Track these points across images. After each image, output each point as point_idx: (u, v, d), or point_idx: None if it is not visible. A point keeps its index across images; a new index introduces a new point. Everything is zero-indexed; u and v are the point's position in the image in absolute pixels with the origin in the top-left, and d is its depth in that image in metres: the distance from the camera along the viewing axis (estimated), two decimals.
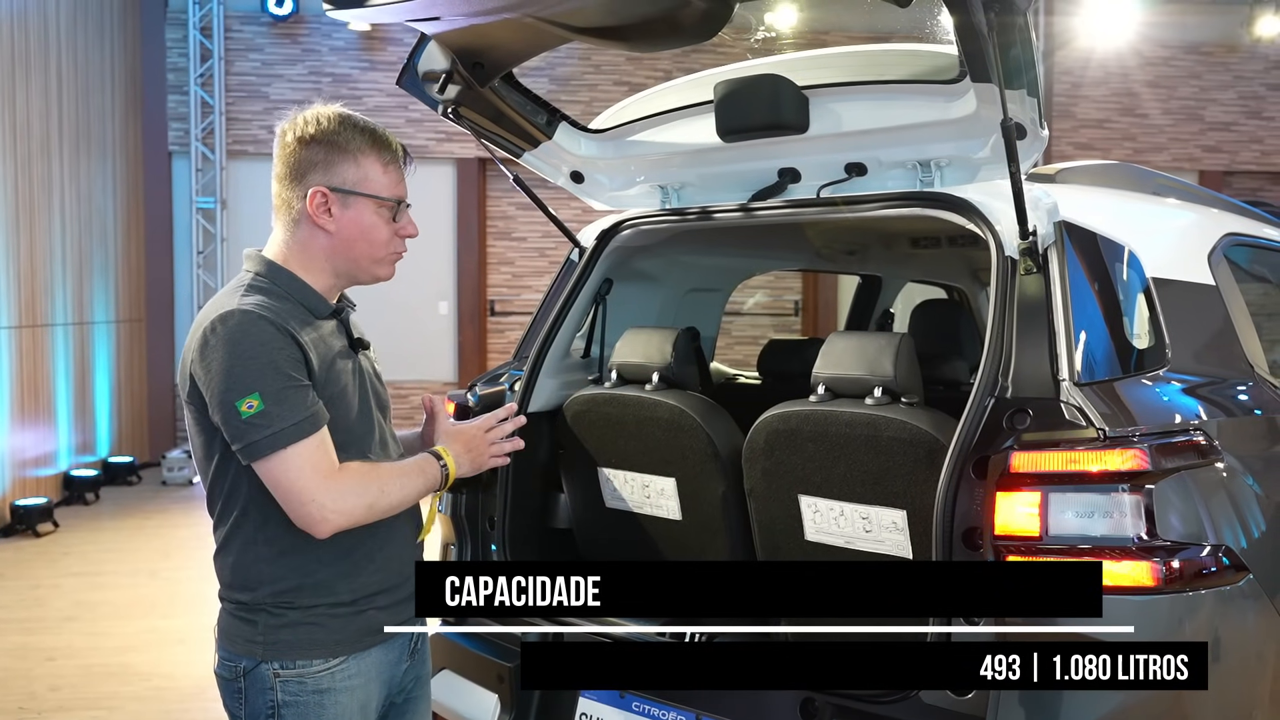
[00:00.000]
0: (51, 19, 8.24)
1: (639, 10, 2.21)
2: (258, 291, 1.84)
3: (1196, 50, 11.28)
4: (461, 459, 1.99)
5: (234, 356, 1.75)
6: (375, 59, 10.23)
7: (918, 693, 2.04)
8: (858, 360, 2.34)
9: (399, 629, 1.95)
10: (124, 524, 7.65)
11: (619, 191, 3.01)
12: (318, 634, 1.84)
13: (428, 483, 1.92)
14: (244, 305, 1.79)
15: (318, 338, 1.86)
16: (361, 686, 1.89)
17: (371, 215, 1.90)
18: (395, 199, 1.93)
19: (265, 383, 1.74)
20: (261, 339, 1.75)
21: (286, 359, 1.76)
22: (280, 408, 1.73)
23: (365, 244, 1.91)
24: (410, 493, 1.89)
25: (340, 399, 1.87)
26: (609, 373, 2.83)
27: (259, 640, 1.84)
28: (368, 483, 1.82)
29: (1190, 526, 1.95)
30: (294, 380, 1.76)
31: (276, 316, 1.79)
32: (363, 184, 1.89)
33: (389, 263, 1.97)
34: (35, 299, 7.87)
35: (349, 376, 1.90)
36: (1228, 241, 2.68)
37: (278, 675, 1.83)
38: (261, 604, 1.84)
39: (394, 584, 1.94)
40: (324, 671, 1.84)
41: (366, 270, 1.95)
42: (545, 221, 3.02)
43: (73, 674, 4.56)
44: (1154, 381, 2.16)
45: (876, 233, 3.97)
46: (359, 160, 1.89)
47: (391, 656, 1.97)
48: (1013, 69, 2.03)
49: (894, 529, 2.27)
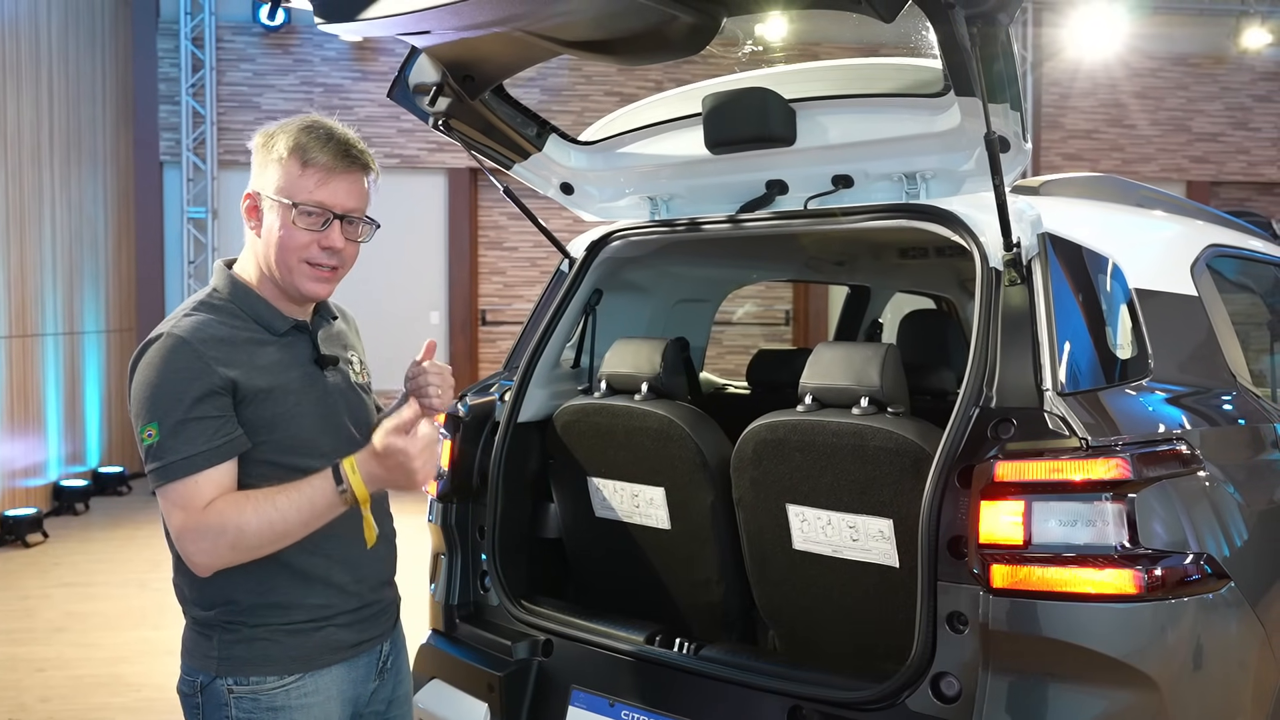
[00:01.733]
0: (43, 28, 8.24)
1: (628, 24, 2.23)
2: (207, 310, 1.81)
3: (1184, 62, 11.37)
4: (377, 481, 1.73)
5: (146, 383, 1.72)
6: (367, 69, 10.25)
7: (904, 700, 2.05)
8: (845, 371, 2.36)
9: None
10: (114, 534, 7.63)
11: (608, 203, 3.03)
12: (272, 650, 1.80)
13: (316, 511, 1.72)
14: (178, 329, 1.76)
15: (267, 357, 1.81)
16: (319, 705, 1.84)
17: (280, 220, 1.80)
18: (313, 205, 1.80)
19: (165, 413, 1.70)
20: (175, 367, 1.71)
21: (198, 388, 1.71)
22: (173, 440, 1.69)
23: (278, 251, 1.81)
24: (288, 529, 1.71)
25: (291, 417, 1.81)
26: (598, 383, 2.85)
27: (214, 655, 1.81)
28: (225, 522, 1.69)
29: (1173, 535, 1.96)
30: (195, 414, 1.70)
31: (207, 340, 1.74)
32: (280, 188, 1.80)
33: (307, 276, 1.83)
34: (25, 308, 7.86)
35: (304, 394, 1.84)
36: (1211, 253, 2.71)
37: (231, 691, 1.79)
38: (217, 620, 1.81)
39: (355, 605, 1.89)
40: (278, 689, 1.80)
41: (287, 280, 1.83)
42: (536, 232, 3.04)
43: (63, 685, 4.55)
44: (1137, 391, 2.18)
45: (864, 244, 4.00)
46: (283, 164, 1.80)
47: (356, 674, 1.92)
48: (996, 83, 2.05)
49: (881, 538, 2.29)
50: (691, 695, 2.35)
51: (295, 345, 1.88)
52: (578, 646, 2.55)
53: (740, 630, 2.71)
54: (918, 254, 4.03)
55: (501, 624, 2.71)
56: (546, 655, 2.59)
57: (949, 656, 2.00)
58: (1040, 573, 1.91)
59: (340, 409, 1.91)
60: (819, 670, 2.30)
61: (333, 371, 1.92)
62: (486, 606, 2.78)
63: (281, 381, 1.81)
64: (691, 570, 2.70)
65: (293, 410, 1.81)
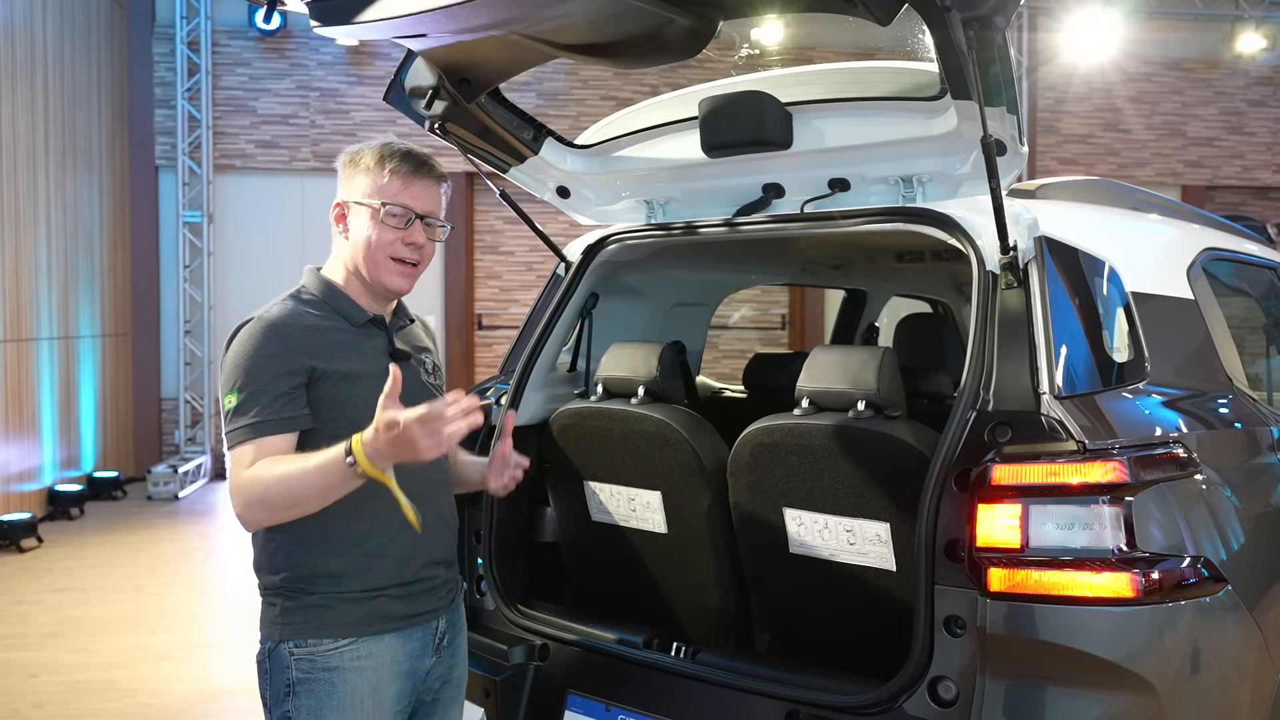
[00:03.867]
0: (38, 32, 8.23)
1: (624, 28, 2.23)
2: (295, 299, 2.04)
3: (1178, 66, 11.40)
4: (382, 456, 1.78)
5: (233, 358, 1.95)
6: (363, 74, 10.25)
7: (902, 704, 2.05)
8: (841, 374, 2.36)
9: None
10: (109, 539, 7.61)
11: (605, 206, 3.03)
12: (328, 616, 1.96)
13: (331, 477, 1.80)
14: (266, 313, 1.99)
15: (345, 343, 2.00)
16: (372, 669, 1.98)
17: (370, 221, 2.03)
18: (398, 205, 2.03)
19: (242, 382, 1.92)
20: (258, 343, 1.93)
21: (276, 366, 1.92)
22: (246, 404, 1.90)
23: (365, 250, 2.03)
24: (309, 491, 1.82)
25: (358, 402, 1.95)
26: (595, 386, 2.84)
27: (278, 622, 1.98)
28: (256, 478, 1.86)
29: (1170, 538, 1.96)
30: (269, 384, 1.91)
31: (292, 323, 1.97)
32: (367, 193, 2.03)
33: (392, 272, 2.04)
34: (20, 313, 7.85)
35: (374, 382, 1.89)
36: (1207, 256, 2.71)
37: (292, 654, 1.95)
38: (280, 588, 1.98)
39: (407, 579, 2.03)
40: (333, 651, 1.95)
41: (375, 277, 2.05)
42: (533, 236, 3.03)
43: (57, 691, 4.53)
44: (1134, 395, 2.18)
45: (861, 247, 4.00)
46: (369, 172, 2.04)
47: (411, 648, 2.05)
48: (992, 86, 2.05)
49: (878, 541, 2.28)
50: (688, 699, 2.34)
51: (372, 338, 2.06)
52: (574, 651, 2.54)
53: (737, 634, 2.70)
54: (914, 257, 4.03)
55: (498, 628, 2.71)
56: (543, 660, 2.58)
57: (946, 660, 2.00)
58: (1037, 576, 1.91)
59: (406, 401, 1.95)
60: (816, 674, 2.29)
61: (405, 366, 2.05)
62: (483, 611, 2.77)
63: (354, 368, 1.99)
64: (688, 574, 2.70)
65: (361, 396, 1.94)
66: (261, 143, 10.26)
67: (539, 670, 2.57)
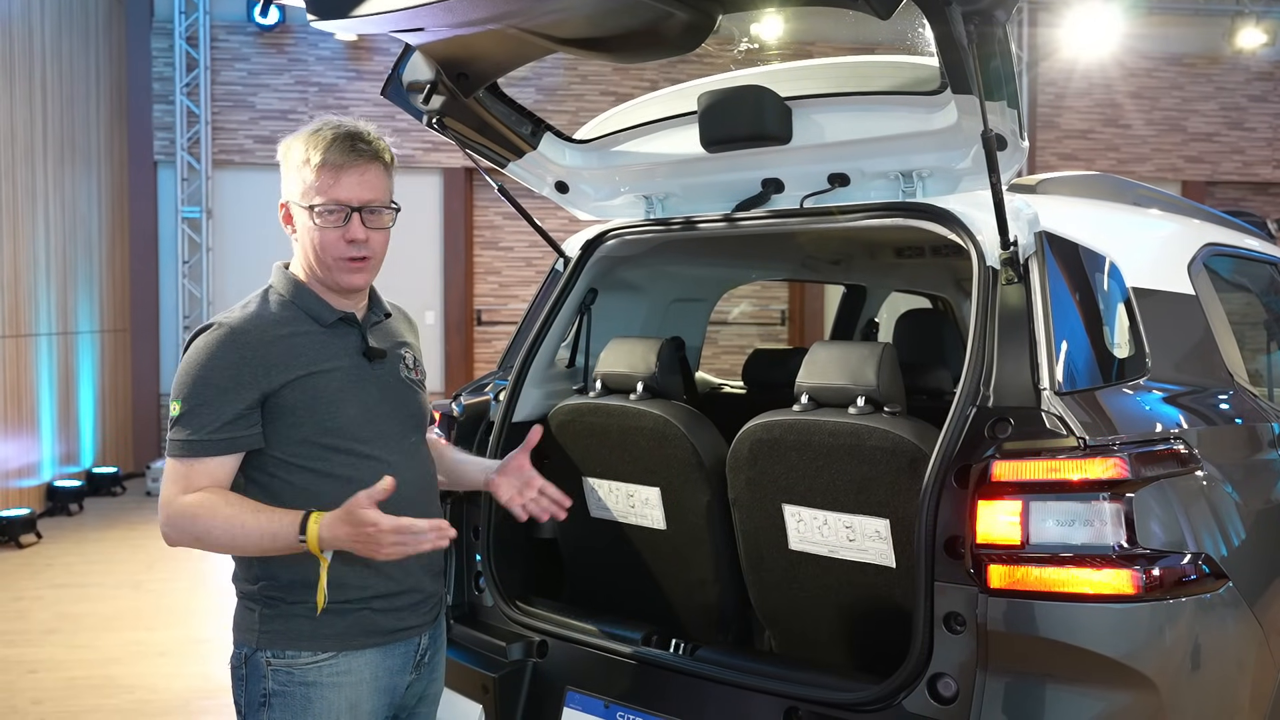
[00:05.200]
0: (36, 27, 8.21)
1: (622, 22, 2.22)
2: (261, 301, 1.97)
3: (1179, 62, 11.38)
4: (340, 542, 1.81)
5: (186, 363, 1.90)
6: (362, 69, 10.23)
7: (901, 701, 2.04)
8: (841, 370, 2.35)
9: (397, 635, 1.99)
10: (107, 535, 7.61)
11: (604, 201, 3.02)
12: (307, 626, 1.90)
13: (275, 544, 1.83)
14: (229, 319, 1.92)
15: (313, 344, 1.93)
16: (351, 685, 1.92)
17: (309, 222, 1.94)
18: (332, 203, 1.91)
19: (190, 393, 1.87)
20: (214, 353, 1.87)
21: (225, 380, 1.85)
22: (190, 419, 1.85)
23: (313, 252, 1.95)
24: (244, 544, 1.84)
25: (330, 402, 1.91)
26: (593, 382, 2.83)
27: (255, 629, 1.93)
28: (197, 515, 1.83)
29: (1170, 535, 1.96)
30: (216, 400, 1.85)
31: (252, 330, 1.89)
32: (302, 194, 1.94)
33: (344, 270, 1.95)
34: (19, 308, 7.84)
35: (350, 380, 1.94)
36: (1208, 251, 2.70)
37: (269, 664, 1.90)
38: (260, 594, 1.93)
39: (392, 590, 1.97)
40: (310, 665, 1.90)
41: (330, 279, 1.97)
42: (531, 231, 3.02)
43: (55, 687, 4.53)
44: (1134, 390, 2.17)
45: (860, 243, 3.99)
46: (299, 170, 1.94)
47: (392, 663, 1.99)
48: (993, 80, 2.04)
49: (877, 538, 2.28)
50: (687, 696, 2.34)
51: (343, 336, 1.98)
52: (573, 647, 2.54)
53: (736, 631, 2.70)
54: (914, 253, 4.03)
55: (496, 625, 2.70)
56: (541, 656, 2.57)
57: (946, 657, 1.99)
58: (1037, 573, 1.90)
59: (384, 400, 2.00)
60: (815, 671, 2.29)
61: (380, 364, 2.01)
62: (481, 607, 2.77)
63: (323, 368, 1.92)
64: (687, 570, 2.69)
65: (334, 396, 1.92)
66: (260, 138, 10.24)
67: (537, 667, 2.56)
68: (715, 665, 2.35)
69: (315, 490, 1.90)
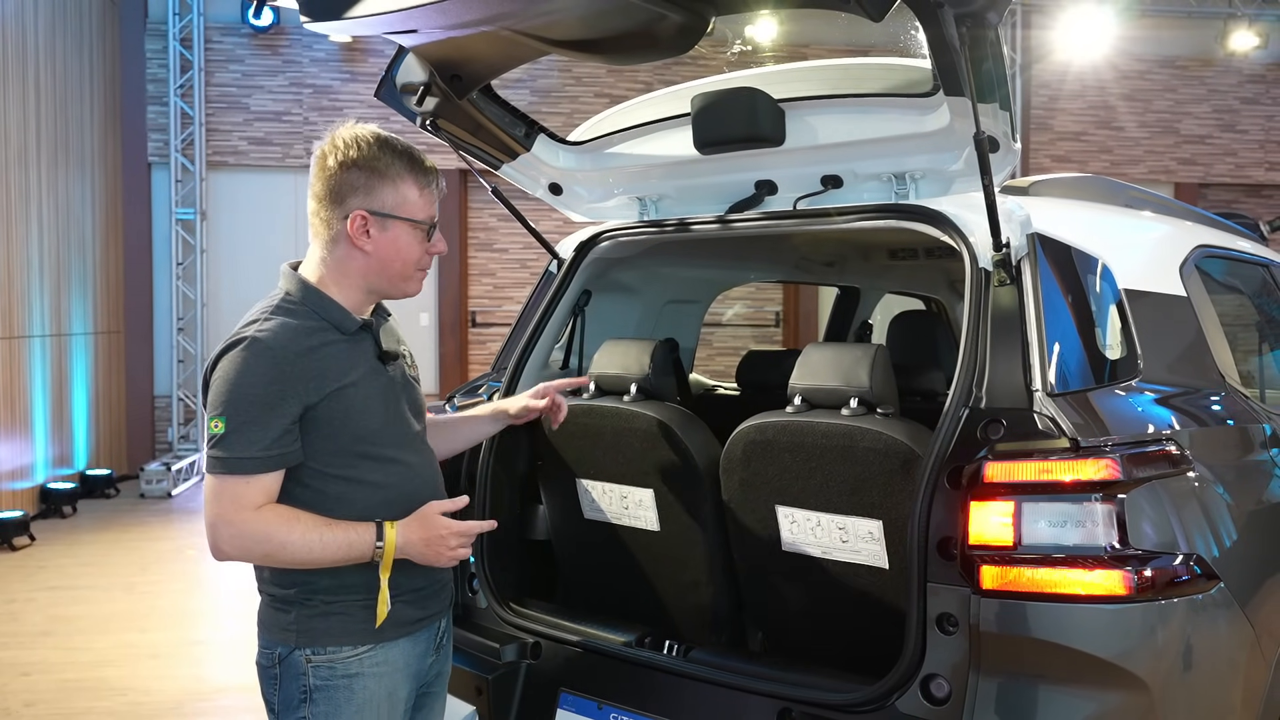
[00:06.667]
0: (30, 28, 8.20)
1: (616, 24, 2.22)
2: (283, 314, 1.94)
3: (1172, 64, 11.42)
4: (412, 547, 1.94)
5: (226, 379, 1.87)
6: (356, 70, 10.24)
7: (894, 702, 2.05)
8: (834, 372, 2.35)
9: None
10: (101, 537, 7.59)
11: (597, 203, 3.02)
12: (348, 623, 1.96)
13: (350, 554, 1.90)
14: (260, 332, 1.89)
15: (340, 355, 1.95)
16: (389, 675, 2.00)
17: (407, 237, 2.00)
18: (429, 221, 2.03)
19: (234, 410, 1.85)
20: (254, 369, 1.86)
21: (269, 394, 1.85)
22: (237, 437, 1.85)
23: (400, 264, 2.01)
24: (322, 556, 1.89)
25: (363, 411, 1.96)
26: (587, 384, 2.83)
27: (293, 628, 1.95)
28: (271, 532, 1.86)
29: (1162, 535, 1.96)
30: (263, 416, 1.85)
31: (287, 344, 1.88)
32: (401, 208, 1.98)
33: (418, 280, 2.07)
34: (12, 310, 7.82)
35: (374, 388, 1.99)
36: (1199, 253, 2.71)
37: (310, 660, 1.94)
38: (296, 597, 1.96)
39: (420, 585, 2.06)
40: (353, 657, 1.95)
41: (398, 287, 2.05)
42: (525, 233, 3.02)
43: (48, 689, 4.52)
44: (1126, 392, 2.18)
45: (854, 244, 4.00)
46: (398, 185, 1.98)
47: (419, 649, 2.08)
48: (985, 83, 2.05)
49: (870, 539, 2.28)
50: (680, 697, 2.34)
51: (362, 343, 2.02)
52: (566, 649, 2.54)
53: (729, 632, 2.70)
54: (907, 255, 4.03)
55: (490, 626, 2.70)
56: (535, 658, 2.57)
57: (939, 658, 2.00)
58: (1030, 574, 1.91)
59: (401, 399, 2.06)
60: (808, 672, 2.29)
61: (393, 366, 2.07)
62: (475, 609, 2.77)
63: (353, 378, 1.95)
64: (681, 572, 2.69)
65: (363, 404, 1.96)
66: (254, 139, 10.24)
67: (531, 668, 2.56)
68: (708, 666, 2.36)
69: (350, 498, 1.95)
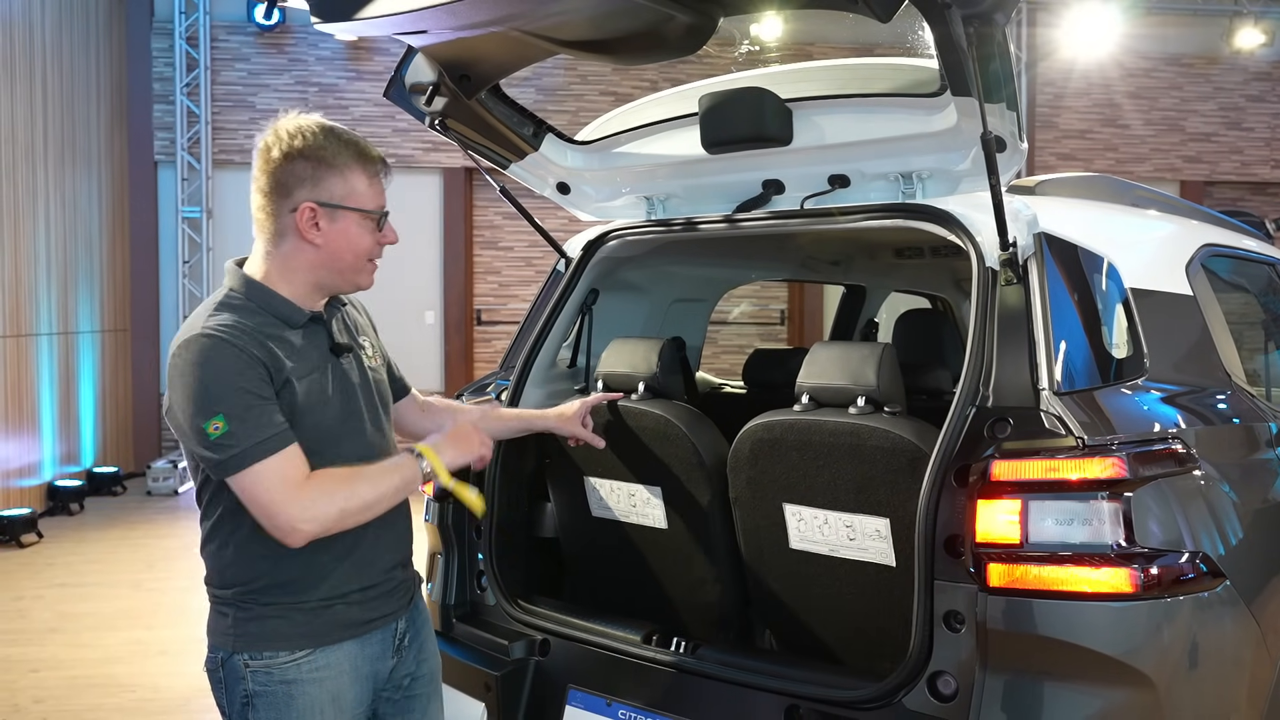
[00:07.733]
0: (36, 27, 8.22)
1: (624, 24, 2.23)
2: (229, 309, 1.89)
3: (1177, 62, 11.39)
4: (444, 449, 2.02)
5: (197, 381, 1.80)
6: (362, 69, 10.24)
7: (901, 699, 2.06)
8: (841, 370, 2.36)
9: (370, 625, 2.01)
10: (108, 534, 7.61)
11: (605, 202, 3.03)
12: (282, 627, 1.91)
13: (405, 480, 1.95)
14: (208, 329, 1.83)
15: (289, 348, 1.90)
16: (331, 679, 1.94)
17: (358, 228, 1.95)
18: (379, 210, 1.98)
19: (228, 404, 1.79)
20: (222, 362, 1.81)
21: (249, 379, 1.82)
22: (245, 426, 1.79)
23: (351, 255, 1.96)
24: (384, 491, 1.92)
25: (317, 405, 1.91)
26: (595, 382, 2.84)
27: (231, 632, 1.92)
28: (336, 488, 1.85)
29: (1168, 534, 1.97)
30: (257, 399, 1.81)
31: (240, 336, 1.83)
32: (350, 198, 1.93)
33: (369, 272, 2.02)
34: (19, 308, 7.84)
35: (327, 381, 1.95)
36: (1205, 252, 2.72)
37: (248, 666, 1.90)
38: (233, 599, 1.92)
39: (366, 584, 1.99)
40: (289, 663, 1.91)
41: (349, 280, 2.00)
42: (532, 231, 3.03)
43: (56, 686, 4.54)
44: (1133, 390, 2.18)
45: (860, 243, 4.00)
46: (345, 175, 1.92)
47: (371, 651, 2.01)
48: (992, 83, 2.06)
49: (877, 537, 2.29)
50: (688, 695, 2.35)
51: (313, 336, 1.97)
52: (575, 646, 2.55)
53: (737, 629, 2.71)
54: (914, 253, 4.04)
55: (498, 624, 2.71)
56: (543, 655, 2.59)
57: (946, 655, 2.01)
58: (1036, 572, 1.92)
59: (356, 394, 2.01)
60: (816, 669, 2.30)
61: (347, 359, 2.02)
62: (483, 606, 2.78)
63: (304, 371, 1.91)
64: (688, 570, 2.70)
65: (317, 397, 1.92)
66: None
67: (540, 665, 2.58)
68: (716, 664, 2.37)
69: None
